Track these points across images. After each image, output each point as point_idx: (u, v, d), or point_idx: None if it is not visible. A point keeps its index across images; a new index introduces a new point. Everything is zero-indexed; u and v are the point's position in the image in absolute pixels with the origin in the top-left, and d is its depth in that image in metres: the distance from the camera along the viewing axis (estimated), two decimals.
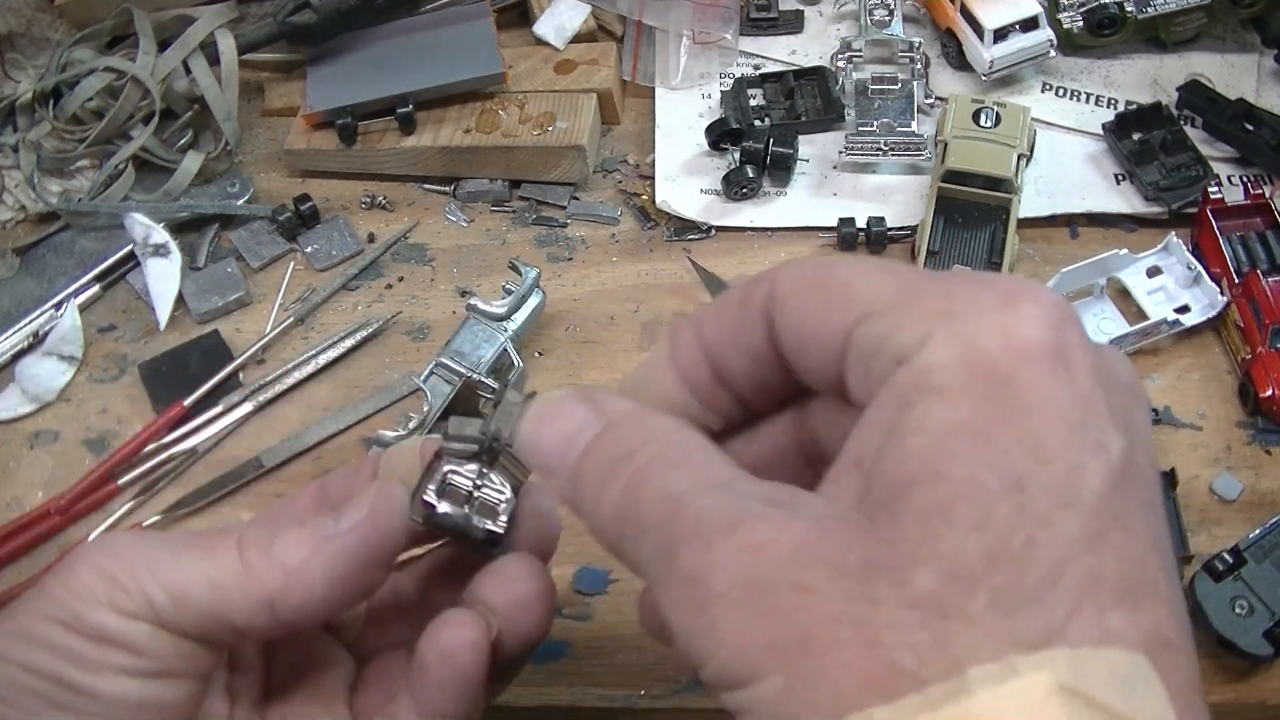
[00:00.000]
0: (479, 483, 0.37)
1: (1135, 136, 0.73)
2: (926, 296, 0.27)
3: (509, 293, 0.66)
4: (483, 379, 0.62)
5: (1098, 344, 0.28)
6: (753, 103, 0.77)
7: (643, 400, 0.33)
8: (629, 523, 0.29)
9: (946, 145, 0.70)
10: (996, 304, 0.27)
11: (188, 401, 0.65)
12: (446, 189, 0.76)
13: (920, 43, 0.77)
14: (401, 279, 0.72)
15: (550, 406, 0.32)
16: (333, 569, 0.35)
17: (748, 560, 0.26)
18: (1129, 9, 0.76)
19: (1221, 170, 0.72)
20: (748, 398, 0.33)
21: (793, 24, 0.81)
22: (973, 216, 0.69)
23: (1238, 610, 0.53)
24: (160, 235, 0.72)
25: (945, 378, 0.26)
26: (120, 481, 0.63)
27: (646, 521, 0.28)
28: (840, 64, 0.77)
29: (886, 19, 0.78)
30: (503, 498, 0.37)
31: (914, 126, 0.74)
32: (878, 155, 0.73)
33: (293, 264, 0.73)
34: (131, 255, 0.73)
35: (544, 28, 0.79)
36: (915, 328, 0.27)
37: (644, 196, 0.74)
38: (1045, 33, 0.75)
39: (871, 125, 0.74)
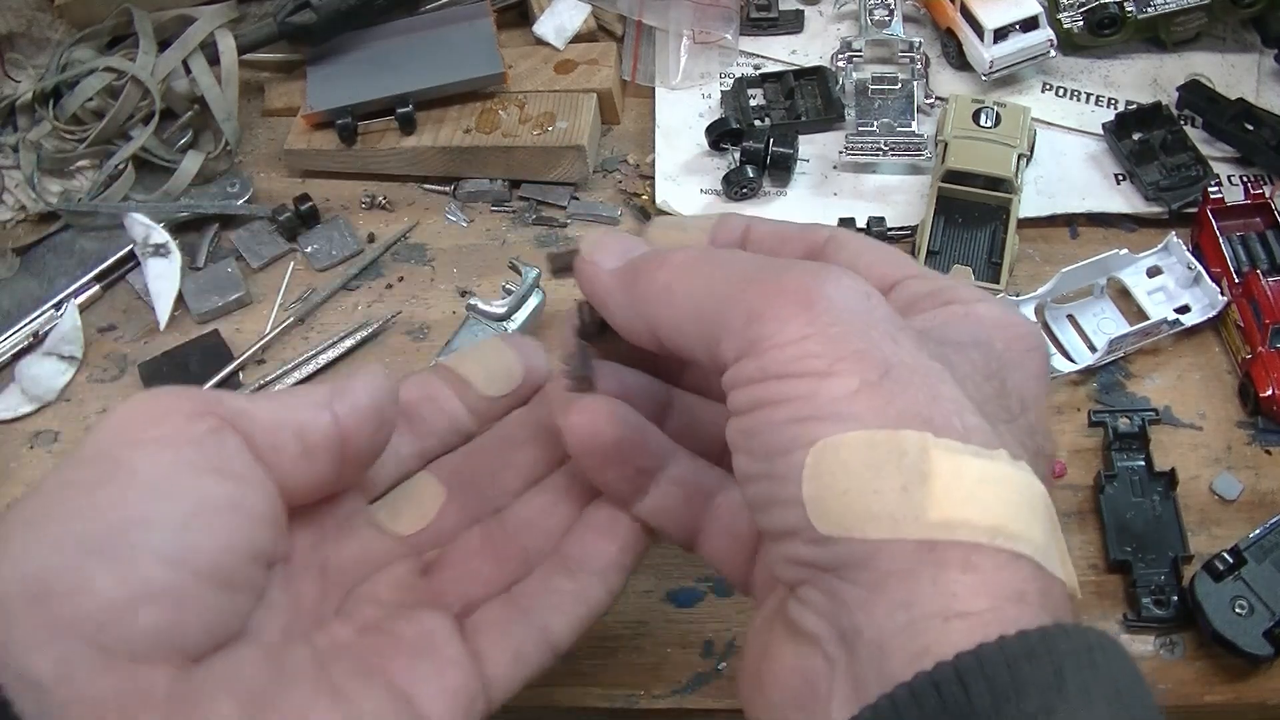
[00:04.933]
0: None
1: (1135, 136, 0.73)
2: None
3: (509, 293, 0.66)
4: None
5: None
6: (753, 103, 0.77)
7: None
8: (726, 272, 0.33)
9: (946, 145, 0.70)
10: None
11: None
12: (446, 189, 0.76)
13: (920, 43, 0.77)
14: (401, 279, 0.72)
15: (607, 236, 0.38)
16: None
17: (863, 292, 0.32)
18: (1129, 9, 0.76)
19: (1221, 170, 0.72)
20: None
21: (793, 24, 0.81)
22: (973, 216, 0.69)
23: (1238, 610, 0.53)
24: (160, 235, 0.72)
25: (949, 336, 0.35)
26: None
27: (747, 270, 0.33)
28: (840, 64, 0.77)
29: (886, 19, 0.78)
30: None
31: (914, 126, 0.74)
32: (878, 155, 0.73)
33: (293, 264, 0.73)
34: (131, 255, 0.73)
35: (544, 28, 0.79)
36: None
37: (644, 196, 0.74)
38: (1045, 33, 0.75)
39: (871, 125, 0.74)
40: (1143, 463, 0.60)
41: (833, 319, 0.31)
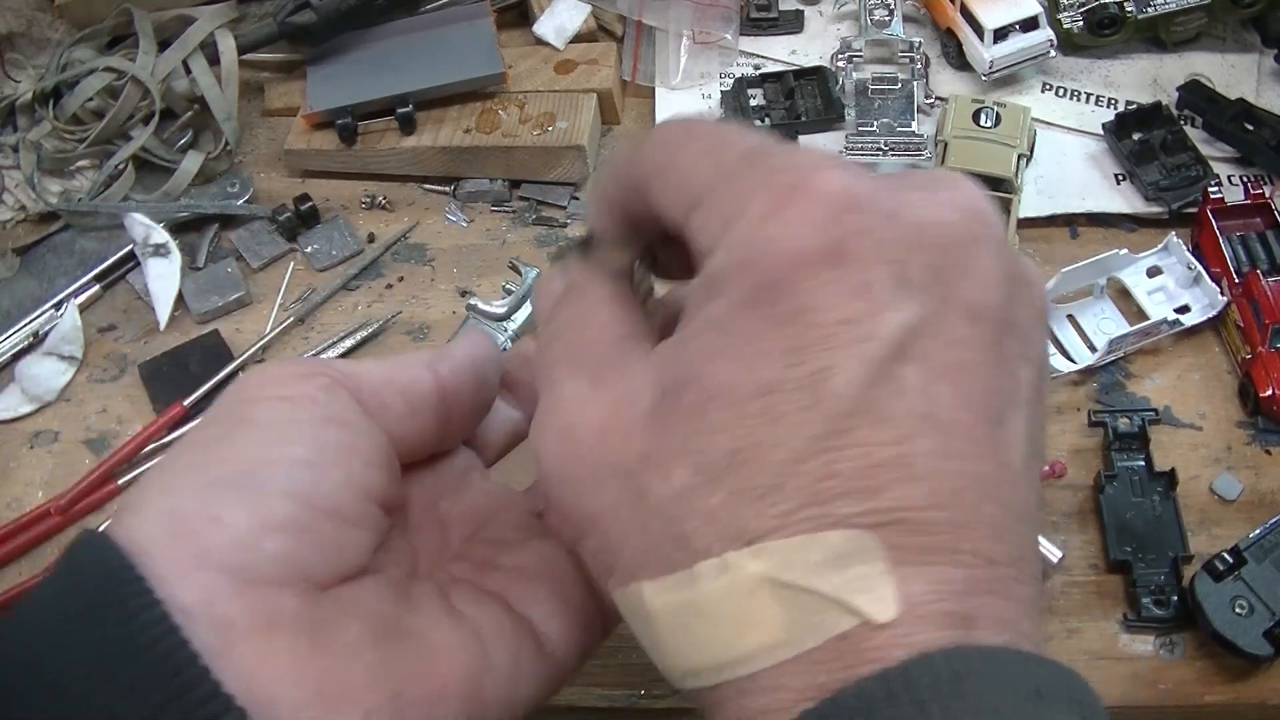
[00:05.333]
0: None
1: (1135, 136, 0.73)
2: (725, 193, 0.29)
3: (509, 293, 0.66)
4: None
5: (918, 202, 0.28)
6: (753, 103, 0.77)
7: (588, 215, 0.37)
8: (536, 378, 0.34)
9: (946, 145, 0.70)
10: (768, 208, 0.28)
11: (188, 401, 0.65)
12: (446, 189, 0.76)
13: (920, 43, 0.77)
14: (401, 279, 0.72)
15: (543, 281, 0.37)
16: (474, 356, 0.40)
17: (560, 446, 0.31)
18: (1129, 9, 0.76)
19: (1221, 170, 0.72)
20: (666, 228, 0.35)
21: (793, 24, 0.81)
22: None
23: (1238, 610, 0.53)
24: (160, 235, 0.72)
25: (724, 286, 0.28)
26: (120, 481, 0.63)
27: (537, 383, 0.34)
28: (840, 64, 0.77)
29: (886, 19, 0.78)
30: None
31: (914, 126, 0.74)
32: (878, 155, 0.73)
33: (293, 264, 0.73)
34: (131, 255, 0.73)
35: (544, 28, 0.79)
36: (710, 231, 0.29)
37: None
38: (1045, 33, 0.75)
39: (872, 125, 0.74)
40: (1143, 463, 0.60)
41: (553, 483, 0.31)
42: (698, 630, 0.27)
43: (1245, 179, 0.71)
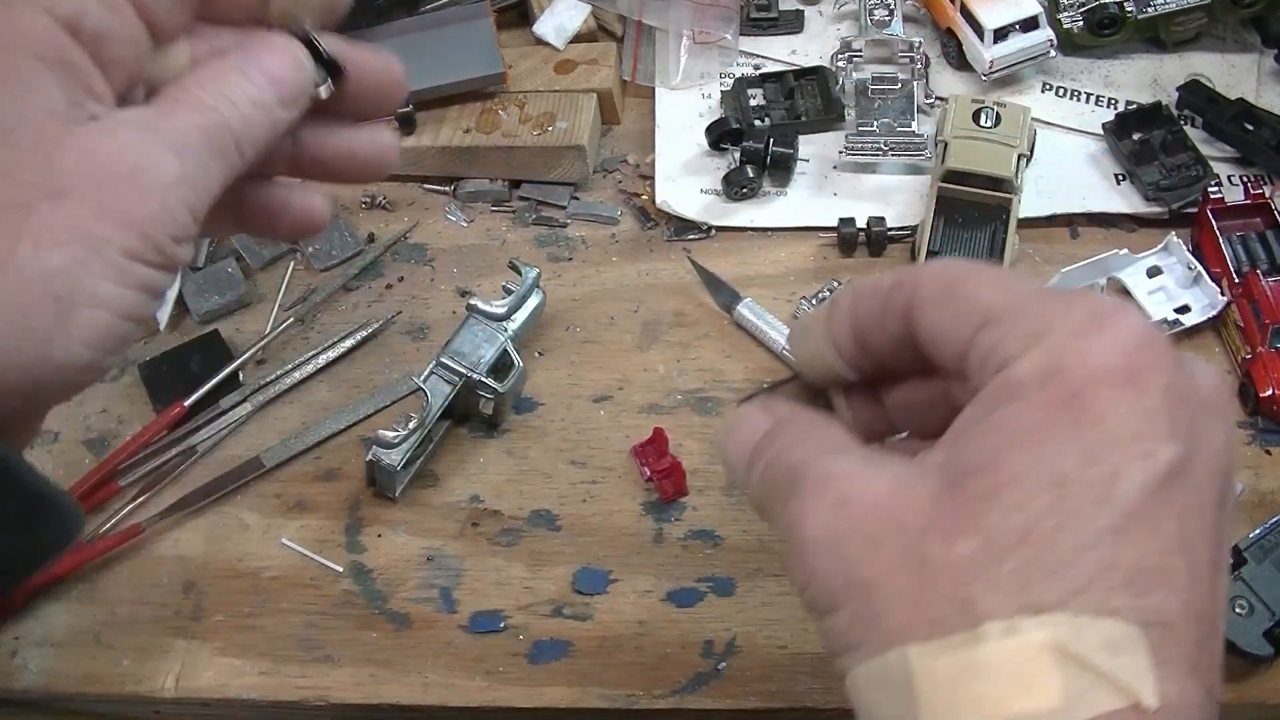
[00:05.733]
0: None
1: (1135, 136, 0.73)
2: (1028, 314, 0.32)
3: (509, 293, 0.66)
4: (483, 379, 0.62)
5: (1188, 364, 0.32)
6: (753, 103, 0.77)
7: (802, 350, 0.41)
8: (768, 488, 0.36)
9: (947, 145, 0.70)
10: (1081, 327, 0.31)
11: (188, 401, 0.65)
12: (446, 189, 0.76)
13: (920, 43, 0.77)
14: (401, 279, 0.72)
15: (740, 419, 0.39)
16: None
17: (832, 514, 0.32)
18: (1129, 9, 0.76)
19: (1221, 170, 0.72)
20: (888, 364, 0.39)
21: (793, 24, 0.81)
22: (973, 216, 0.69)
23: (1238, 610, 0.53)
24: None
25: (1028, 389, 0.31)
26: (120, 482, 0.64)
27: (778, 486, 0.35)
28: (840, 64, 0.77)
29: (886, 19, 0.78)
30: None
31: (914, 126, 0.74)
32: (878, 155, 0.73)
33: (293, 264, 0.73)
34: None
35: (544, 28, 0.79)
36: (1015, 343, 0.32)
37: (644, 196, 0.74)
38: (1045, 33, 0.75)
39: (872, 125, 0.74)
40: None
41: (818, 550, 0.32)
42: (970, 690, 0.29)
43: (1245, 179, 0.71)
